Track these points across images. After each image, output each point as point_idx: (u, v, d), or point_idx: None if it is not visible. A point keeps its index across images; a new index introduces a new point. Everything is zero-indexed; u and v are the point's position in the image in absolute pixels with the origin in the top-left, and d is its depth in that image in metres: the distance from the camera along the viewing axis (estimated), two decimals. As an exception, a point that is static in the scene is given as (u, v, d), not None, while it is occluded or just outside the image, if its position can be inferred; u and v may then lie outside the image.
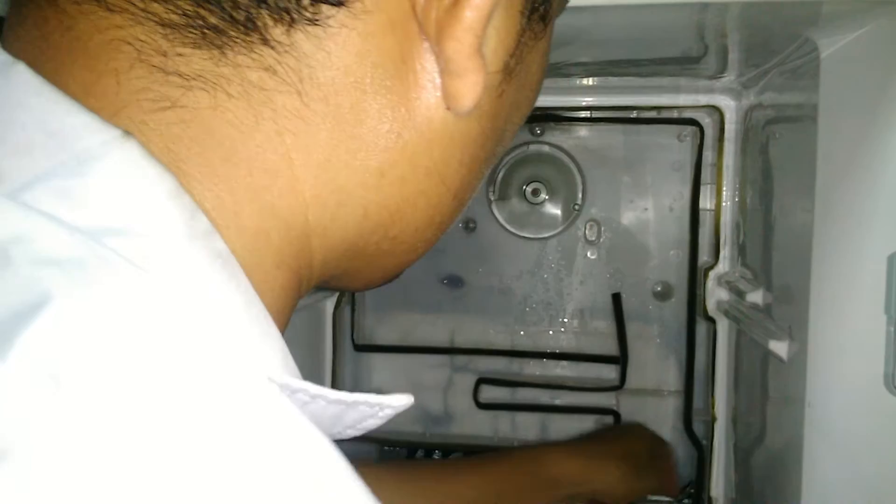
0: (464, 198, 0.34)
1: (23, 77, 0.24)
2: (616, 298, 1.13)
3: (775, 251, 0.86)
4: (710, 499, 1.09)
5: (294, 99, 0.25)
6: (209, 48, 0.24)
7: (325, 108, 0.26)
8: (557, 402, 1.15)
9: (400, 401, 0.28)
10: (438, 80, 0.28)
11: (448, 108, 0.28)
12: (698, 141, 1.07)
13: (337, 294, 1.15)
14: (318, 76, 0.25)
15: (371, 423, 0.28)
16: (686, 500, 1.11)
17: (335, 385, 1.16)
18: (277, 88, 0.25)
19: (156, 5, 0.24)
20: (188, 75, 0.24)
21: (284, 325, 0.29)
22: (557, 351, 1.16)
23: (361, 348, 1.18)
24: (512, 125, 0.34)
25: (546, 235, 1.15)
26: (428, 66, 0.27)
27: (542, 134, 1.13)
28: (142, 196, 0.23)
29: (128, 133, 0.23)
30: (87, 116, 0.23)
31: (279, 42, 0.25)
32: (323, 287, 0.34)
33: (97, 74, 0.24)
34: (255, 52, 0.25)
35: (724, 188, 1.06)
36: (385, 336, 1.20)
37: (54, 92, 0.23)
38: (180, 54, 0.24)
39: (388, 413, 0.28)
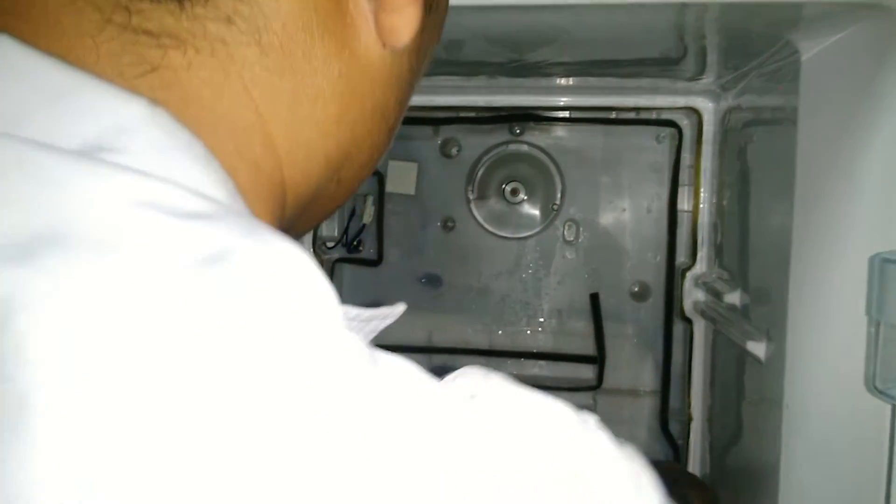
0: (393, 134, 0.35)
1: (9, 47, 0.24)
2: (594, 298, 1.13)
3: (753, 253, 0.87)
4: (685, 499, 1.09)
5: (254, 51, 0.27)
6: (167, 1, 0.25)
7: (282, 57, 0.27)
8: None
9: (398, 309, 0.31)
10: (372, 19, 0.29)
11: (385, 46, 0.30)
12: (676, 142, 1.07)
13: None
14: (272, 25, 0.27)
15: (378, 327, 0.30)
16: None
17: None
18: (238, 40, 0.26)
19: None
20: (155, 33, 0.25)
21: None
22: (535, 350, 1.16)
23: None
24: (426, 60, 0.35)
25: (524, 235, 1.15)
26: (361, 3, 0.29)
27: (521, 133, 1.13)
28: (182, 167, 0.24)
29: (153, 102, 0.24)
30: (104, 89, 0.24)
31: None
32: None
33: (70, 39, 0.25)
34: (210, 2, 0.26)
35: (702, 190, 1.07)
36: (362, 336, 1.18)
37: (57, 62, 0.24)
38: (140, 11, 0.25)
39: (390, 321, 0.31)
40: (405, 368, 0.23)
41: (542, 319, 1.16)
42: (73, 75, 0.24)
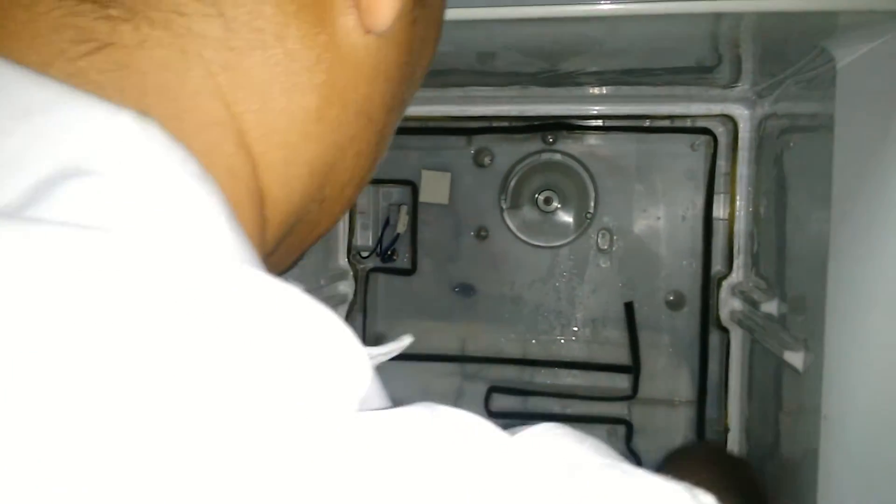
0: (383, 145, 0.31)
1: None
2: (628, 307, 1.13)
3: (790, 261, 0.86)
4: (722, 510, 1.08)
5: (218, 25, 0.23)
6: None
7: (250, 36, 0.23)
8: (569, 411, 1.15)
9: (403, 342, 0.28)
10: None
11: (367, 31, 0.26)
12: (712, 150, 1.06)
13: (348, 302, 1.16)
14: None
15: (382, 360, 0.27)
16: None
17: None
18: (198, 10, 0.22)
19: None
20: (101, 0, 0.21)
21: None
22: (569, 360, 1.15)
23: (372, 356, 1.18)
24: (421, 66, 0.32)
25: (558, 244, 1.15)
26: None
27: (554, 142, 1.13)
28: (178, 192, 0.20)
29: (142, 115, 0.20)
30: (78, 101, 0.20)
31: None
32: None
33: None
34: None
35: (738, 197, 1.06)
36: (396, 344, 1.19)
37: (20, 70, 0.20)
38: None
39: (395, 353, 0.28)
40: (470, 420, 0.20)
41: (575, 328, 1.15)
42: (44, 85, 0.20)
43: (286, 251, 0.29)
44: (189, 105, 0.22)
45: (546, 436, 0.20)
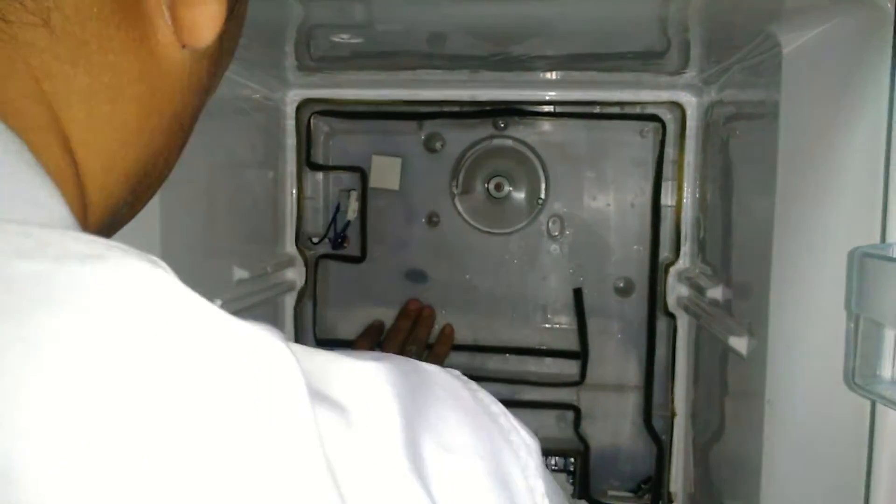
0: (181, 150, 0.32)
1: None
2: (577, 293, 1.13)
3: (735, 247, 0.87)
4: (669, 494, 1.09)
5: (43, 34, 0.23)
6: None
7: (75, 46, 0.24)
8: (519, 397, 1.15)
9: None
10: (168, 15, 0.26)
11: (184, 46, 0.27)
12: (660, 137, 1.07)
13: (298, 289, 1.13)
14: (63, 5, 0.23)
15: None
16: (646, 496, 1.11)
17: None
18: (23, 19, 0.23)
19: None
20: None
21: None
22: (520, 346, 1.15)
23: (323, 343, 1.16)
24: (220, 75, 0.33)
25: (509, 230, 1.14)
26: None
27: (505, 128, 1.12)
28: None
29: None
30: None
31: None
32: None
33: None
34: None
35: (685, 184, 1.06)
36: (347, 330, 1.18)
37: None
38: None
39: None
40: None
41: (526, 315, 1.15)
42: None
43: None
44: (15, 108, 0.23)
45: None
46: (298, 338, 1.14)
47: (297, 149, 1.12)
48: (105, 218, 0.28)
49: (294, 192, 1.13)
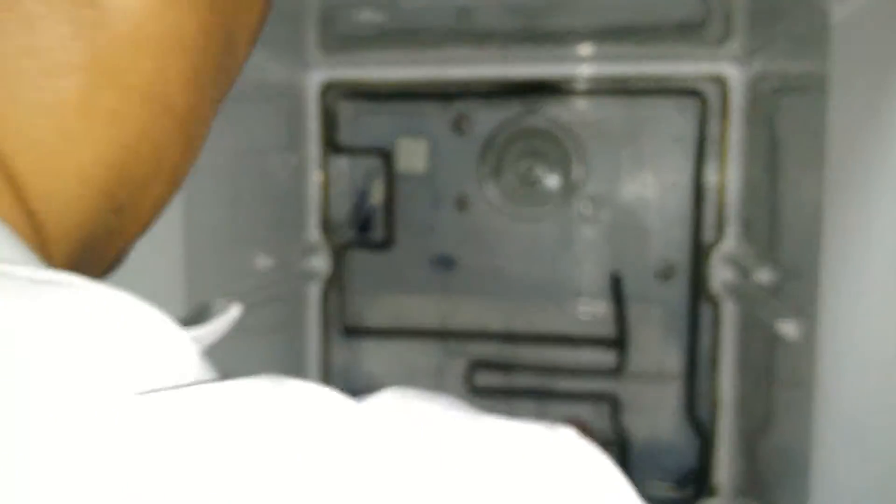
0: (195, 133, 0.24)
1: None
2: (615, 279, 1.09)
3: (783, 227, 0.82)
4: (713, 486, 1.05)
5: None
6: None
7: None
8: (555, 387, 1.11)
9: (231, 314, 0.22)
10: None
11: None
12: (701, 113, 1.02)
13: (322, 276, 1.12)
14: None
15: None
16: (687, 487, 1.08)
17: (325, 372, 1.12)
18: None
19: None
20: None
21: None
22: (554, 334, 1.12)
23: (352, 332, 1.15)
24: (242, 24, 0.25)
25: (542, 213, 1.11)
26: None
27: (536, 107, 1.08)
28: None
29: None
30: None
31: None
32: None
33: None
34: None
35: (729, 162, 1.01)
36: (374, 319, 1.16)
37: None
38: None
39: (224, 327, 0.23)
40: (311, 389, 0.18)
41: (561, 301, 1.12)
42: None
43: (87, 268, 0.24)
44: None
45: (392, 397, 0.18)
46: (326, 327, 1.13)
47: (320, 132, 1.10)
48: (74, 222, 0.22)
49: (318, 177, 1.11)
